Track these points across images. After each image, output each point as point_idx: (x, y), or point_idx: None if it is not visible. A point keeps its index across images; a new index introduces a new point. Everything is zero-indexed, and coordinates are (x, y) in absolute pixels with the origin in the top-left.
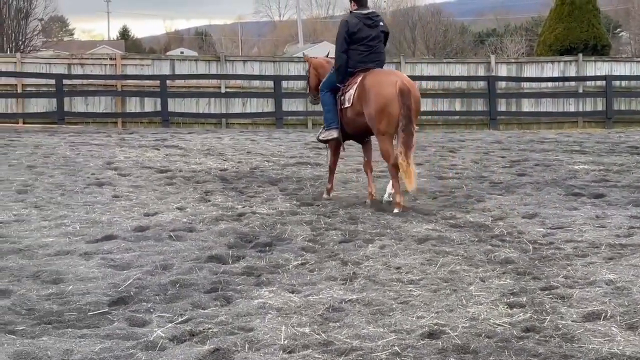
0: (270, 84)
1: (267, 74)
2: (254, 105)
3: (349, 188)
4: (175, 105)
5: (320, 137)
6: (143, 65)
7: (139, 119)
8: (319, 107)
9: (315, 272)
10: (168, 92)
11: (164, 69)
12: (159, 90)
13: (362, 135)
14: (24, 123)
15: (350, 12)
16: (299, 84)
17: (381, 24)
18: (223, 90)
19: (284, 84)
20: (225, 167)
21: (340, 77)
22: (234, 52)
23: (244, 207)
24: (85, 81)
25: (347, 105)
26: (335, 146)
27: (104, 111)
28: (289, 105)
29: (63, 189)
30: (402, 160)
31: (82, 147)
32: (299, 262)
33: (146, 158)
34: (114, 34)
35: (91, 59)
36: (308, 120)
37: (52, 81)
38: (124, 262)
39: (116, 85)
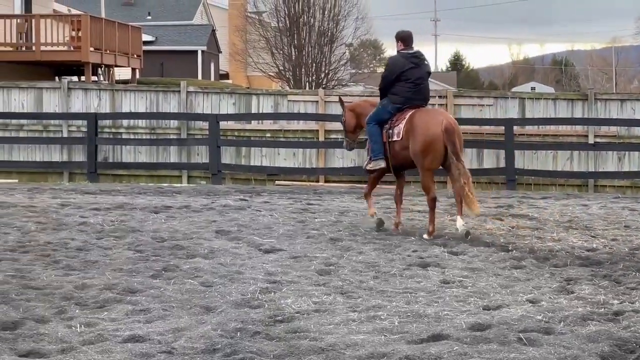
0: None
1: None
2: (635, 161)
3: None
4: (525, 160)
5: (368, 167)
6: (482, 105)
7: (476, 178)
8: None
9: None
10: (515, 142)
11: (510, 110)
12: (503, 140)
13: (404, 168)
14: (325, 182)
15: (398, 51)
16: None
17: (426, 62)
18: (591, 140)
19: None
20: (594, 246)
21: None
22: (606, 88)
23: (621, 302)
24: None
25: (395, 138)
26: (376, 178)
27: None
28: None
29: (376, 270)
30: (468, 191)
31: (402, 214)
32: None
33: (485, 231)
34: (443, 64)
35: None
36: None
37: None
38: None
39: None
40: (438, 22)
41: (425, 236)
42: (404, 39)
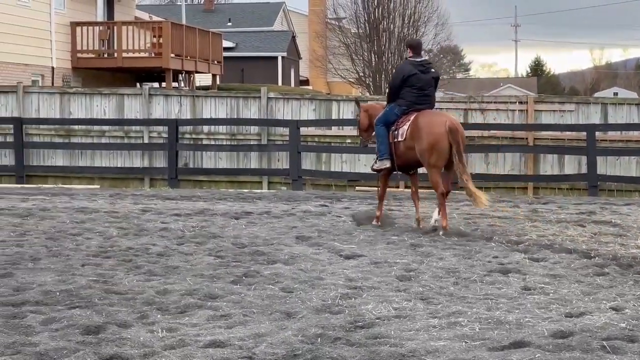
0: None
1: None
2: None
3: None
4: (607, 166)
5: (374, 167)
6: (564, 111)
7: (557, 184)
8: None
9: None
10: (597, 148)
11: (592, 116)
12: (585, 146)
13: (409, 167)
14: (405, 187)
15: (407, 58)
16: None
17: (432, 70)
18: None
19: None
20: None
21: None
22: None
23: None
24: (485, 132)
25: (399, 139)
26: (385, 176)
27: (509, 172)
28: None
29: (456, 276)
30: (471, 186)
31: (481, 220)
32: None
33: (567, 237)
34: (523, 69)
35: (494, 102)
36: None
37: None
38: None
39: (527, 138)
40: (518, 27)
41: (441, 232)
42: (414, 46)
